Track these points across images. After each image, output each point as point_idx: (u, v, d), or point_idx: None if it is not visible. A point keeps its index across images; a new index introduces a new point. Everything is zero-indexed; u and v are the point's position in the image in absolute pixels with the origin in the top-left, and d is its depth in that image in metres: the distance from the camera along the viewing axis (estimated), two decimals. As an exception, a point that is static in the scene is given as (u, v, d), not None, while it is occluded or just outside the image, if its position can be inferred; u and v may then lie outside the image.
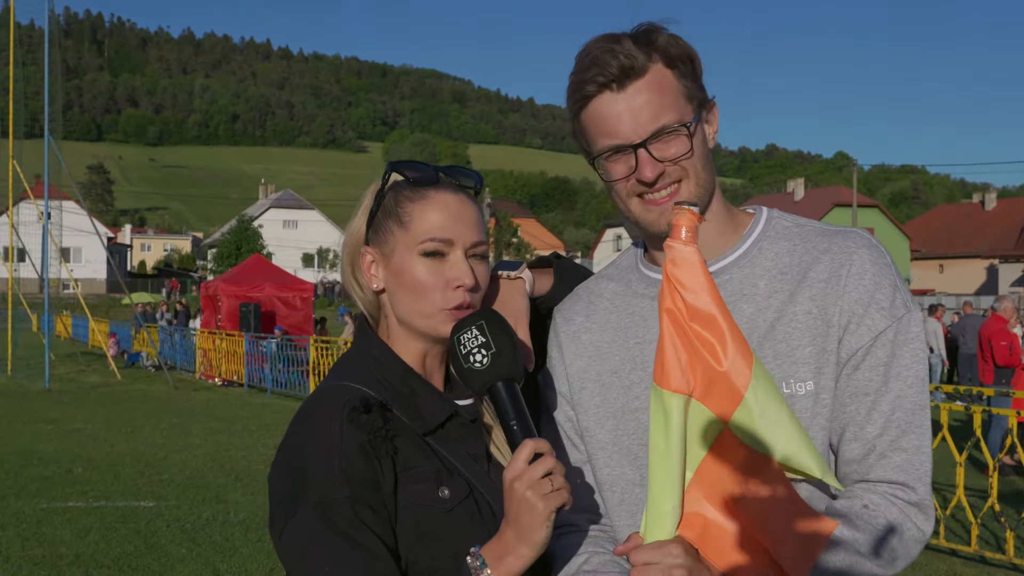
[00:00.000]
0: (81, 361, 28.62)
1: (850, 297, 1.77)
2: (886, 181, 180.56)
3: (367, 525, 1.68)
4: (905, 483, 1.73)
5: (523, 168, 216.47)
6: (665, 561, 1.58)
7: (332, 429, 1.72)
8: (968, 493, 8.49)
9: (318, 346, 20.60)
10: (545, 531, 1.63)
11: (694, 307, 1.59)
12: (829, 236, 1.86)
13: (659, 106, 1.76)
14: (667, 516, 1.62)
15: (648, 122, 1.76)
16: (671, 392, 1.59)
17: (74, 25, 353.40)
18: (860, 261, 1.80)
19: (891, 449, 1.74)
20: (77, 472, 11.30)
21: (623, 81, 1.76)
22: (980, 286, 70.50)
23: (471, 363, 1.73)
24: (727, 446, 1.62)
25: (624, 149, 1.79)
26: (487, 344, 1.73)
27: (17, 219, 27.41)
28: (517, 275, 2.06)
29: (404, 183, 1.86)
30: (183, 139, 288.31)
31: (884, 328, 1.75)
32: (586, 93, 1.79)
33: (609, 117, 1.78)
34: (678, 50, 1.79)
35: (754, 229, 1.90)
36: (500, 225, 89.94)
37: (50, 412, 17.48)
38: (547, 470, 1.64)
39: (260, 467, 11.63)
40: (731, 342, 1.59)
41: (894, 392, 1.74)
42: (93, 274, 79.78)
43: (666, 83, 1.78)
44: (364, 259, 1.89)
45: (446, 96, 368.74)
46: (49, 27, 24.23)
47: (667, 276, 1.61)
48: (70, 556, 7.67)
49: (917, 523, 1.73)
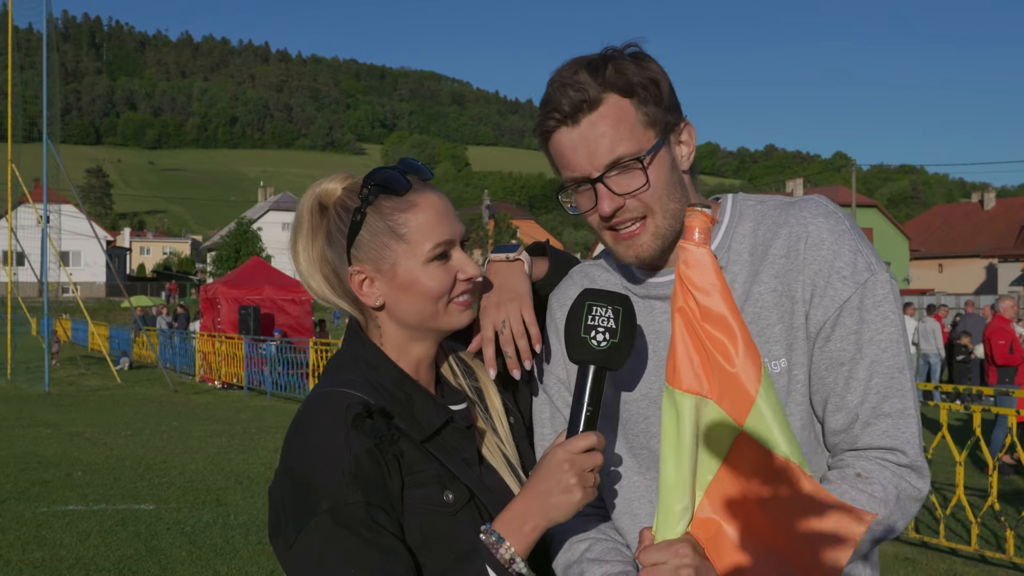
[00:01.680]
0: (80, 364, 28.62)
1: (810, 270, 1.77)
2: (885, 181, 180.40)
3: (383, 527, 1.67)
4: (894, 447, 1.73)
5: (522, 169, 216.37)
6: (672, 561, 1.58)
7: (336, 435, 1.70)
8: (968, 492, 8.48)
9: (318, 348, 20.59)
10: (567, 516, 1.68)
11: (706, 308, 1.60)
12: (786, 208, 1.86)
13: (613, 138, 1.76)
14: (678, 516, 1.62)
15: (604, 154, 1.76)
16: (683, 392, 1.59)
17: (72, 28, 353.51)
18: (816, 231, 1.79)
19: (874, 416, 1.73)
20: (77, 475, 11.29)
21: (576, 115, 1.77)
22: (979, 285, 70.50)
23: (590, 337, 1.72)
24: (744, 449, 1.62)
25: (583, 183, 1.81)
26: (614, 332, 1.72)
27: (16, 223, 27.42)
28: (516, 257, 2.07)
29: (382, 195, 1.81)
30: (182, 142, 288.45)
31: (848, 296, 1.75)
32: (545, 129, 1.82)
33: (566, 151, 1.80)
34: (639, 76, 1.77)
35: (723, 218, 1.91)
36: (499, 226, 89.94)
37: (50, 415, 17.46)
38: (595, 465, 1.69)
39: (260, 470, 11.63)
40: (742, 344, 1.59)
41: (869, 358, 1.74)
42: (92, 278, 79.74)
43: (622, 113, 1.76)
44: (354, 279, 1.83)
45: (445, 98, 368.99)
46: (47, 31, 24.21)
47: (680, 277, 1.61)
48: (70, 560, 7.67)
49: (911, 482, 1.73)
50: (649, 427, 1.90)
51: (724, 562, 1.63)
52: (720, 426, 1.62)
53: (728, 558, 1.63)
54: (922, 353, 21.27)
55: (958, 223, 79.68)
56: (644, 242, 1.81)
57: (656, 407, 1.88)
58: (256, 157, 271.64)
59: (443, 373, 1.98)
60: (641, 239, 1.81)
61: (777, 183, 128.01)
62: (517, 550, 1.67)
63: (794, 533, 1.62)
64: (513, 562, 1.67)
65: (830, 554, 1.61)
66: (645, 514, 1.89)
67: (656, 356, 1.90)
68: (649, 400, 1.90)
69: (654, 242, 1.82)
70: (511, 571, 1.66)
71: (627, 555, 1.89)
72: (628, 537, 1.92)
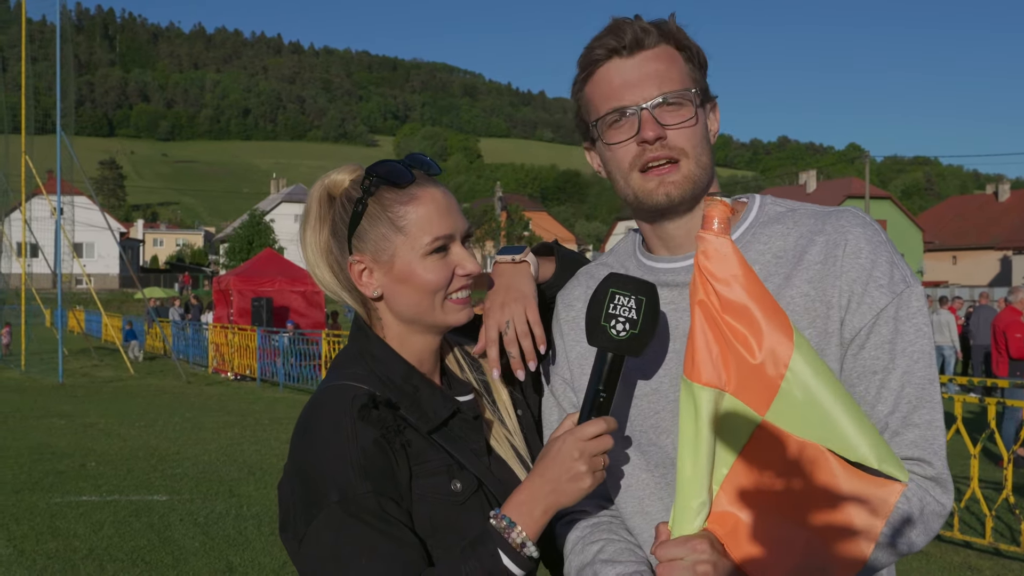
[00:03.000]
0: (94, 356, 28.74)
1: (848, 277, 1.76)
2: (899, 173, 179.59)
3: (393, 516, 1.68)
4: (921, 458, 1.72)
5: (534, 161, 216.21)
6: (690, 557, 1.57)
7: (343, 427, 1.71)
8: (982, 485, 8.46)
9: (330, 340, 20.63)
10: (574, 501, 1.68)
11: (727, 299, 1.57)
12: (822, 217, 1.85)
13: (666, 76, 1.79)
14: (695, 511, 1.60)
15: (654, 88, 1.79)
16: (701, 385, 1.56)
17: (85, 21, 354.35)
18: (855, 240, 1.78)
19: (904, 426, 1.72)
20: (90, 466, 11.34)
21: (633, 49, 1.80)
22: (993, 277, 70.24)
23: (610, 326, 1.70)
24: (765, 442, 1.60)
25: (627, 113, 1.80)
26: (635, 322, 1.70)
27: (30, 214, 27.51)
28: (522, 259, 2.06)
29: (383, 186, 1.83)
30: (195, 134, 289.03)
31: (885, 305, 1.74)
32: (595, 57, 1.83)
33: (615, 81, 1.81)
34: (689, 41, 1.84)
35: (747, 216, 1.90)
36: (511, 218, 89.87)
37: (63, 406, 17.56)
38: (604, 450, 1.68)
39: (273, 461, 11.66)
40: (767, 332, 1.56)
41: (901, 368, 1.73)
42: (106, 269, 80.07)
43: (675, 60, 1.82)
44: (353, 268, 1.85)
45: (457, 90, 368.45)
46: (61, 23, 24.29)
47: (699, 268, 1.59)
48: (84, 550, 7.70)
49: (936, 496, 1.72)
50: (659, 422, 1.87)
51: (743, 556, 1.61)
52: (738, 418, 1.59)
53: (747, 551, 1.61)
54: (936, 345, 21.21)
55: (972, 215, 79.33)
56: (676, 180, 1.81)
57: (666, 401, 1.86)
58: (269, 149, 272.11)
59: (449, 366, 1.98)
60: (673, 177, 1.81)
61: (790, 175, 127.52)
62: (528, 534, 1.67)
63: (815, 524, 1.60)
64: (524, 546, 1.67)
65: (852, 546, 1.59)
66: (657, 511, 1.87)
67: (663, 347, 1.88)
68: (659, 395, 1.88)
69: (685, 183, 1.81)
70: (523, 555, 1.67)
71: (640, 555, 1.86)
72: (642, 536, 1.90)
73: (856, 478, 1.59)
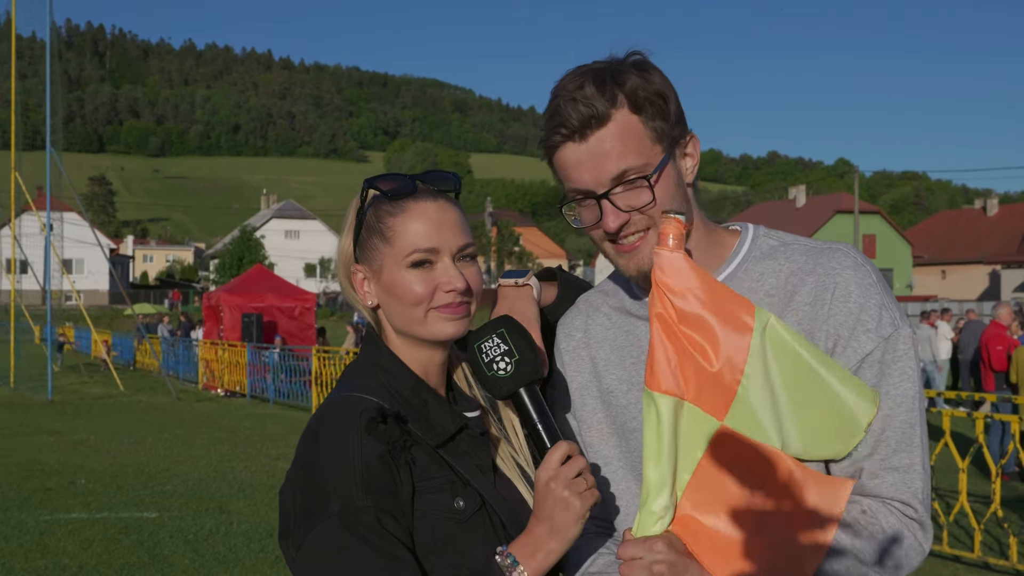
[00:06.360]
0: (83, 372, 28.62)
1: (835, 320, 1.77)
2: (888, 187, 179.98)
3: (391, 533, 1.69)
4: (902, 501, 1.74)
5: (525, 177, 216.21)
6: (648, 556, 1.62)
7: (349, 440, 1.72)
8: (971, 499, 8.47)
9: (320, 356, 20.62)
10: (578, 528, 1.69)
11: (683, 311, 1.64)
12: (815, 255, 1.84)
13: (621, 154, 1.75)
14: (658, 516, 1.65)
15: (611, 170, 1.76)
16: (661, 393, 1.63)
17: (75, 36, 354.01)
18: (844, 283, 1.78)
19: (882, 469, 1.74)
20: (80, 483, 11.29)
21: (584, 131, 1.76)
22: (982, 292, 70.45)
23: (495, 371, 1.76)
24: (725, 447, 1.65)
25: (589, 197, 1.80)
26: (510, 352, 1.76)
27: (19, 231, 27.45)
28: (525, 283, 2.09)
29: (383, 198, 1.87)
30: (185, 150, 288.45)
31: (871, 350, 1.75)
32: (551, 143, 1.81)
33: (572, 167, 1.80)
34: (646, 91, 1.77)
35: (739, 250, 1.90)
36: (502, 234, 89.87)
37: (53, 423, 17.49)
38: (580, 469, 1.70)
39: (263, 477, 11.63)
40: (724, 340, 1.63)
41: (883, 412, 1.74)
42: (95, 285, 79.81)
43: (630, 129, 1.76)
44: (355, 277, 1.91)
45: (447, 105, 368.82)
46: (50, 39, 24.29)
47: (656, 282, 1.66)
48: (73, 568, 7.67)
49: (916, 535, 1.73)
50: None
51: (707, 557, 1.67)
52: (697, 425, 1.66)
53: (711, 553, 1.67)
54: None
55: (961, 229, 79.63)
56: (646, 255, 1.79)
57: None
58: (259, 165, 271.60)
59: (457, 382, 2.00)
60: (643, 252, 1.80)
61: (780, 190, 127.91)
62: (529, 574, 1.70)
63: (773, 526, 1.65)
64: None
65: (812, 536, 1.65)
66: None
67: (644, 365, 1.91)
68: (641, 408, 1.90)
69: None
70: None
71: None
72: None
73: (811, 478, 1.66)
